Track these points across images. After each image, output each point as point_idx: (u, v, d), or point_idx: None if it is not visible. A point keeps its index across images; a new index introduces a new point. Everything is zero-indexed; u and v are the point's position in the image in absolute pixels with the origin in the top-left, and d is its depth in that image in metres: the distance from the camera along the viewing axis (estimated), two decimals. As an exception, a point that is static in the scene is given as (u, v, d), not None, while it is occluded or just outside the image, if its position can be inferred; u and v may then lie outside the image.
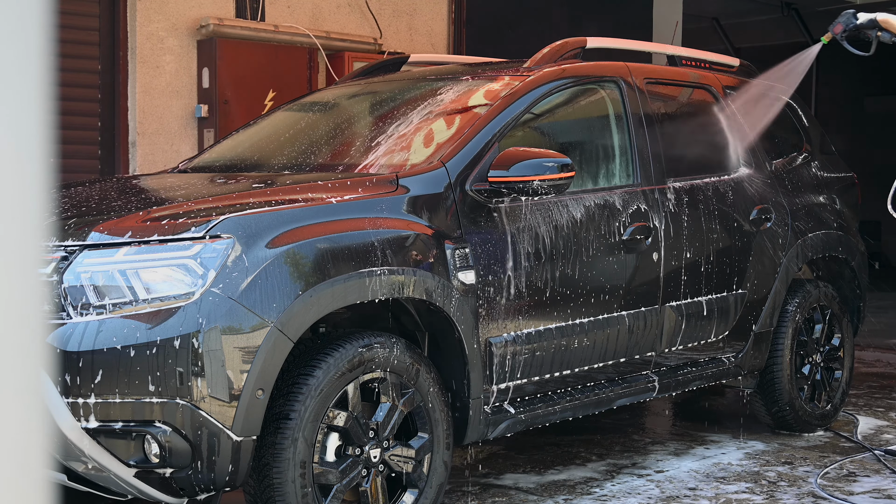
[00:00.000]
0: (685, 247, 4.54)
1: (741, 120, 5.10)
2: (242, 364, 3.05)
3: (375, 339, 3.41)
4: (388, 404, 3.46)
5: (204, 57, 6.51)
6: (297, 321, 3.16)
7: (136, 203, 3.56)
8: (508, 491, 4.29)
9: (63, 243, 3.14)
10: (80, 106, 6.19)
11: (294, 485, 3.19)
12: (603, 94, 4.54)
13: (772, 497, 4.23)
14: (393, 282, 3.41)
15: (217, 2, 6.63)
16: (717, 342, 4.78)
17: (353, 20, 7.33)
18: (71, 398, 2.97)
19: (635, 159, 4.46)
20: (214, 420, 3.01)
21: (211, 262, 3.06)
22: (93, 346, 2.97)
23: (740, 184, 5.00)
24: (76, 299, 3.05)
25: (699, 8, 11.45)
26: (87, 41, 6.23)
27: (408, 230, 3.52)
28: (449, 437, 3.64)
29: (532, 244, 3.88)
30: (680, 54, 5.20)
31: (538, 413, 3.96)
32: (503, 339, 3.78)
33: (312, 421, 3.23)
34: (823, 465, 4.74)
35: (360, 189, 3.53)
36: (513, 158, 3.74)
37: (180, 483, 3.07)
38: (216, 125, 6.44)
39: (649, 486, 4.36)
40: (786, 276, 5.12)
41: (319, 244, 3.25)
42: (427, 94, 4.35)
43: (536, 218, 3.93)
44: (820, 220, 5.42)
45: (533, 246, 3.89)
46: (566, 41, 4.53)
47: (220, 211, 3.21)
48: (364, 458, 3.40)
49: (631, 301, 4.27)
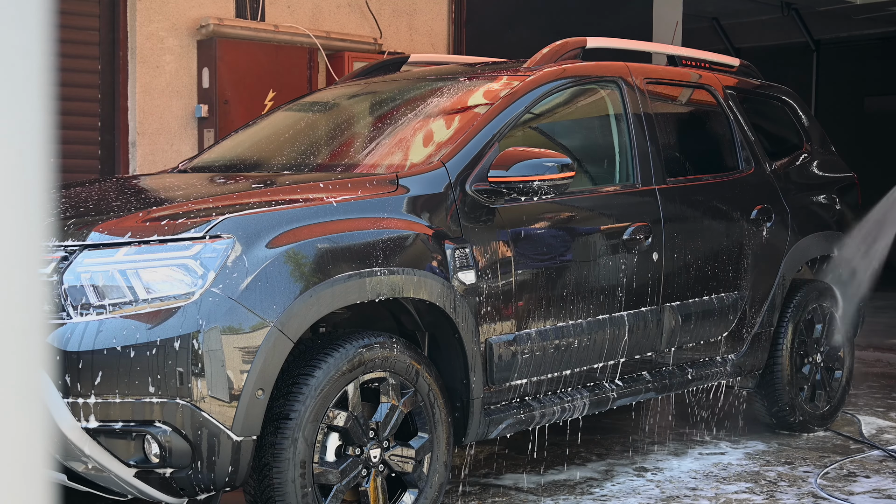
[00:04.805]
0: (685, 247, 4.54)
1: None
2: (242, 364, 3.05)
3: (375, 339, 3.41)
4: (388, 404, 3.46)
5: (204, 57, 6.51)
6: (297, 321, 3.16)
7: (136, 203, 3.56)
8: (508, 491, 4.29)
9: (63, 243, 3.13)
10: (80, 106, 6.19)
11: (294, 485, 3.19)
12: (603, 94, 4.54)
13: (772, 497, 4.23)
14: (393, 282, 3.41)
15: (217, 2, 6.63)
16: (716, 342, 4.77)
17: (353, 20, 7.33)
18: (71, 398, 2.97)
19: (635, 159, 4.46)
20: (214, 420, 3.01)
21: (211, 263, 3.06)
22: (93, 346, 2.97)
23: (740, 184, 5.00)
24: (76, 299, 3.05)
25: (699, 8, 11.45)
26: (87, 41, 6.23)
27: (408, 230, 3.52)
28: (449, 437, 3.64)
29: (532, 244, 3.88)
30: (680, 54, 5.20)
31: (538, 413, 3.96)
32: (503, 338, 3.78)
33: (312, 421, 3.23)
34: (823, 465, 4.74)
35: (361, 189, 3.53)
36: (513, 158, 3.74)
37: (180, 483, 3.07)
38: (216, 125, 6.44)
39: (649, 486, 4.36)
40: (785, 276, 5.12)
41: (319, 244, 3.25)
42: (427, 94, 4.35)
43: (536, 218, 3.93)
44: (820, 221, 5.42)
45: (533, 246, 3.89)
46: (566, 41, 4.53)
47: (220, 211, 3.21)
48: (364, 458, 3.40)
49: (631, 301, 4.27)
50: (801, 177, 5.44)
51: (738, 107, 5.19)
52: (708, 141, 5.22)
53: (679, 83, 5.02)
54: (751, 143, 5.16)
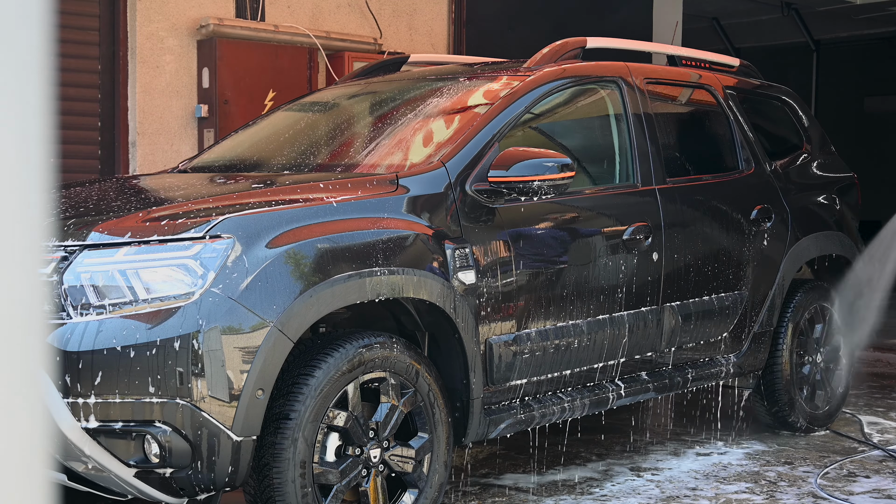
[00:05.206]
0: (685, 247, 4.54)
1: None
2: (242, 364, 3.05)
3: (375, 339, 3.41)
4: (388, 404, 3.46)
5: (204, 57, 6.51)
6: (297, 321, 3.16)
7: (136, 203, 3.56)
8: (508, 491, 4.29)
9: (63, 243, 3.14)
10: (80, 106, 6.19)
11: (294, 485, 3.19)
12: (603, 94, 4.54)
13: (772, 497, 4.23)
14: (393, 282, 3.41)
15: (217, 2, 6.63)
16: (717, 342, 4.77)
17: (353, 20, 7.33)
18: (71, 398, 2.97)
19: (635, 159, 4.46)
20: (214, 420, 3.01)
21: (211, 263, 3.06)
22: (93, 346, 2.97)
23: (740, 184, 5.00)
24: (76, 299, 3.05)
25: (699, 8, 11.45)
26: (87, 41, 6.23)
27: (408, 230, 3.52)
28: (449, 437, 3.64)
29: (532, 244, 3.88)
30: (680, 54, 5.20)
31: (538, 413, 3.96)
32: (503, 338, 3.78)
33: (312, 421, 3.23)
34: (823, 465, 4.74)
35: (360, 189, 3.53)
36: (513, 158, 3.74)
37: (180, 483, 3.07)
38: (216, 125, 6.44)
39: (649, 486, 4.36)
40: (786, 276, 5.12)
41: (319, 244, 3.25)
42: (427, 94, 4.35)
43: (536, 218, 3.93)
44: (820, 221, 5.42)
45: (533, 246, 3.89)
46: (566, 41, 4.53)
47: (220, 211, 3.21)
48: (364, 458, 3.40)
49: (631, 301, 4.27)
50: (801, 177, 5.44)
51: (738, 107, 5.19)
52: (708, 141, 5.22)
53: (679, 83, 5.02)
54: (751, 143, 5.16)
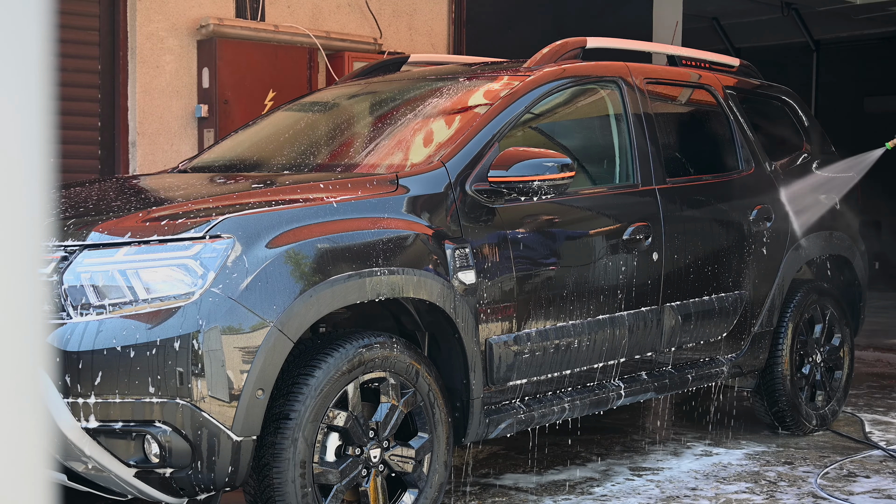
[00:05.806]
0: (685, 247, 4.54)
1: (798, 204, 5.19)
2: (242, 364, 3.05)
3: (375, 339, 3.40)
4: (388, 404, 3.46)
5: (204, 57, 6.51)
6: (297, 321, 3.16)
7: (136, 203, 3.56)
8: (508, 491, 4.29)
9: (63, 243, 3.13)
10: (80, 106, 6.19)
11: (294, 485, 3.19)
12: (603, 94, 4.54)
13: (772, 497, 4.23)
14: (393, 282, 3.41)
15: (217, 2, 6.63)
16: (717, 342, 4.77)
17: (353, 20, 7.33)
18: (71, 398, 2.97)
19: (635, 159, 4.46)
20: (214, 420, 3.01)
21: (211, 263, 3.06)
22: (93, 346, 2.97)
23: (740, 184, 5.00)
24: (76, 299, 3.05)
25: (699, 8, 11.45)
26: (87, 41, 6.23)
27: (408, 230, 3.52)
28: (449, 437, 3.63)
29: (532, 244, 3.88)
30: (680, 54, 5.20)
31: (538, 413, 3.96)
32: (503, 338, 3.78)
33: (312, 421, 3.23)
34: (823, 465, 4.74)
35: (360, 189, 3.53)
36: (513, 158, 3.74)
37: (180, 483, 3.07)
38: (216, 125, 6.44)
39: (649, 486, 4.36)
40: (785, 276, 5.12)
41: (319, 244, 3.25)
42: (427, 94, 4.35)
43: (536, 218, 3.93)
44: (820, 221, 5.42)
45: (533, 246, 3.89)
46: (566, 41, 4.53)
47: (220, 211, 3.21)
48: (364, 458, 3.40)
49: (631, 301, 4.27)
50: (801, 177, 5.44)
51: (738, 107, 5.19)
52: (708, 141, 5.22)
53: (679, 83, 5.02)
54: (751, 143, 5.16)
